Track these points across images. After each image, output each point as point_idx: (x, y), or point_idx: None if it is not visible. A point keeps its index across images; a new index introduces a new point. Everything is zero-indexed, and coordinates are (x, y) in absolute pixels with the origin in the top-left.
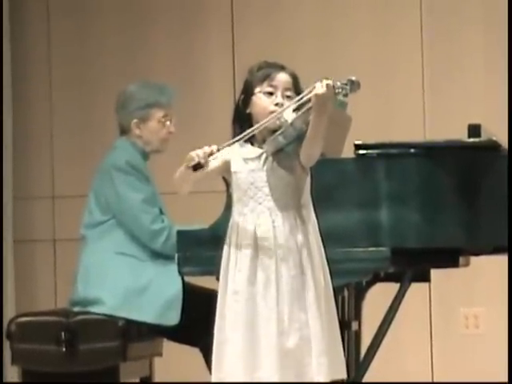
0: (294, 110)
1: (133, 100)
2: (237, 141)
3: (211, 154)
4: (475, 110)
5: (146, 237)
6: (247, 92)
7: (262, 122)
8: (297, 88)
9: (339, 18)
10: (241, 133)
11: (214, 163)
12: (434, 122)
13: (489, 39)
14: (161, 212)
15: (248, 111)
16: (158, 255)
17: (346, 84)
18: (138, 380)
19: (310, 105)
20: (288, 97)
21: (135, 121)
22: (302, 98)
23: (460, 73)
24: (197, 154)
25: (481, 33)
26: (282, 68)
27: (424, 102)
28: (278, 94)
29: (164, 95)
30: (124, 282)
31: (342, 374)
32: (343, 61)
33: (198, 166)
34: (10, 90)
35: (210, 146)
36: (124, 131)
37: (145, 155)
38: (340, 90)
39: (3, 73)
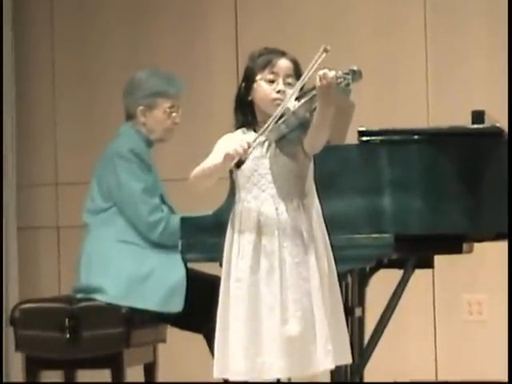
0: (296, 99)
1: (141, 87)
2: (264, 131)
3: (248, 147)
4: (477, 101)
5: (144, 227)
6: (248, 79)
7: (277, 111)
8: (298, 74)
9: (343, 9)
10: (243, 120)
11: (219, 151)
12: (437, 111)
13: (491, 31)
14: (163, 200)
15: (250, 98)
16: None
17: (348, 74)
18: (141, 366)
19: (313, 93)
20: (289, 84)
21: (141, 108)
22: (305, 80)
23: (462, 63)
24: (237, 152)
25: (483, 25)
26: (282, 54)
27: (427, 91)
28: (280, 81)
29: (172, 86)
30: (127, 270)
31: (347, 360)
32: (347, 52)
33: (240, 163)
34: (13, 79)
35: (242, 140)
36: (130, 116)
37: (149, 142)
38: (342, 80)
39: (7, 61)
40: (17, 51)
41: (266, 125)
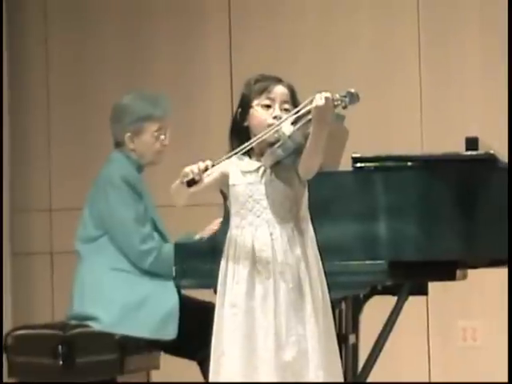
0: (291, 123)
1: (126, 113)
2: (231, 156)
3: (206, 169)
4: (473, 122)
5: (135, 256)
6: (244, 105)
7: (260, 135)
8: (294, 101)
9: (337, 29)
10: (238, 146)
11: (211, 176)
12: (431, 134)
13: (487, 51)
14: (155, 227)
15: (245, 124)
16: None
17: (345, 96)
18: None
19: (308, 117)
20: (286, 109)
21: (128, 134)
22: (300, 111)
23: (458, 84)
24: (191, 170)
25: (478, 45)
26: (279, 81)
27: (421, 114)
28: (276, 106)
29: (158, 108)
30: (120, 298)
31: None
32: (340, 72)
33: (192, 182)
34: (7, 102)
35: (204, 161)
36: (118, 144)
37: (139, 167)
38: (339, 103)
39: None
40: (11, 74)
41: (243, 146)
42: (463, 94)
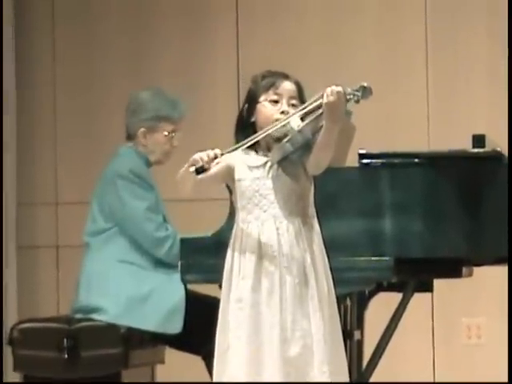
0: (300, 118)
1: (144, 108)
2: (241, 146)
3: (215, 157)
4: (479, 120)
5: (151, 244)
6: (251, 100)
7: (268, 128)
8: (301, 97)
9: (344, 26)
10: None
11: (218, 167)
12: (438, 131)
13: (493, 50)
14: (164, 220)
15: (252, 120)
16: (161, 263)
17: (358, 90)
18: None
19: (318, 112)
20: (293, 105)
21: (143, 130)
22: (309, 105)
23: (464, 82)
24: (200, 158)
25: (485, 44)
26: (286, 77)
27: (428, 110)
28: (284, 102)
29: (176, 110)
30: (126, 291)
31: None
32: (348, 69)
33: (200, 170)
34: (14, 96)
35: (213, 149)
36: (130, 136)
37: (148, 162)
38: (351, 97)
39: (7, 79)
40: (18, 69)
41: (254, 136)
42: (470, 92)
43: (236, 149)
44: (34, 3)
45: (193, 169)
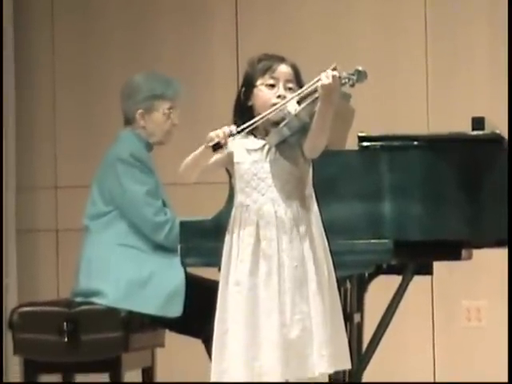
0: (297, 102)
1: (139, 90)
2: (254, 123)
3: (231, 134)
4: (478, 103)
5: (149, 229)
6: (248, 84)
7: (267, 112)
8: (298, 80)
9: (344, 13)
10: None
11: (219, 155)
12: (437, 117)
13: (493, 33)
14: (164, 204)
15: (249, 104)
16: (161, 247)
17: (353, 74)
18: (140, 370)
19: (315, 96)
20: (290, 89)
21: (140, 111)
22: (306, 89)
23: (464, 66)
24: (216, 134)
25: (485, 27)
26: (282, 60)
27: (427, 94)
28: (280, 85)
29: (170, 88)
30: (126, 274)
31: (346, 365)
32: (347, 55)
33: (217, 146)
34: (13, 83)
35: (229, 126)
36: (128, 121)
37: (149, 146)
38: (346, 81)
39: (7, 65)
40: (17, 55)
41: (257, 118)
42: (470, 76)
43: (250, 125)
44: None
45: (210, 145)
